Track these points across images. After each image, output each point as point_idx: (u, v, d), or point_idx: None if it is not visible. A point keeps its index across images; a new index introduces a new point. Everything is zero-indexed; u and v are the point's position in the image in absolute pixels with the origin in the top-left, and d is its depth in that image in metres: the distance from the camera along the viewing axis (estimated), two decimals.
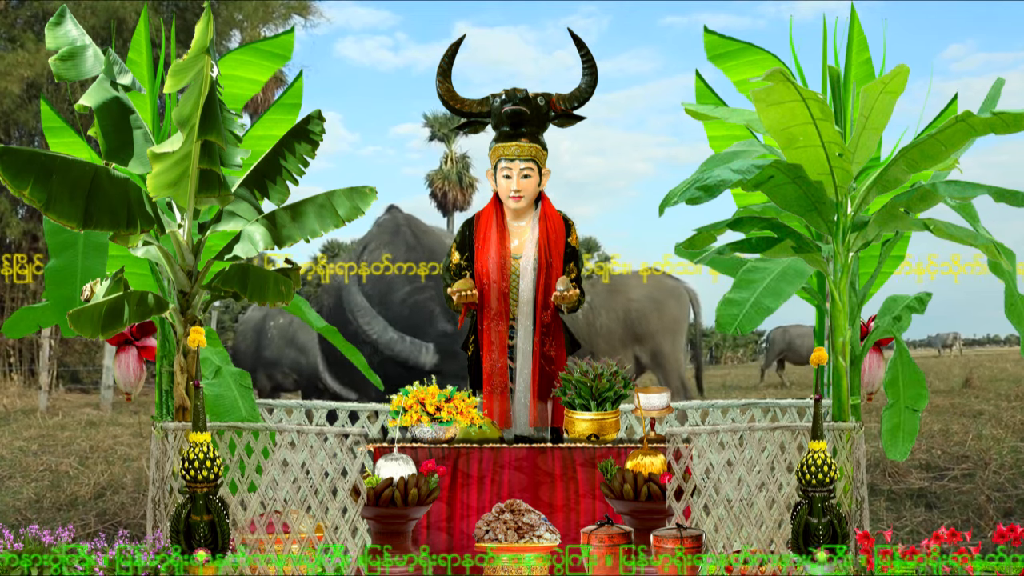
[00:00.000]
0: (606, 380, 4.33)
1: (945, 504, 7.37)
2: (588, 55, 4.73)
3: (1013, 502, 7.26)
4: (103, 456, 10.05)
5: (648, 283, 12.26)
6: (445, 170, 31.80)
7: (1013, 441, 9.69)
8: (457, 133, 32.21)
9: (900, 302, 4.89)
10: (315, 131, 4.57)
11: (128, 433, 12.10)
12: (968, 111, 3.90)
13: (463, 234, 4.73)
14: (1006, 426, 10.78)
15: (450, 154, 32.14)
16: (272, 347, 13.38)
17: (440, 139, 32.49)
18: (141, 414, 14.76)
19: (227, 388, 4.73)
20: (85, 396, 18.32)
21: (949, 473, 8.24)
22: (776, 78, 3.77)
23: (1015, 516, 6.92)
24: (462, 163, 32.26)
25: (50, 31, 4.37)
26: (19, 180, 3.87)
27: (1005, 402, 13.92)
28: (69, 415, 14.35)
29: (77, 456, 9.98)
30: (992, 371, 21.88)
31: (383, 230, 9.91)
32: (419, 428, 4.27)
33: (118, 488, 8.29)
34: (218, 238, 4.78)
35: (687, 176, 4.26)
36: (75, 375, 20.45)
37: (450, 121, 31.99)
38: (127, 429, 12.59)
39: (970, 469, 8.34)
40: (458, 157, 32.30)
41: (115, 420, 13.88)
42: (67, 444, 10.96)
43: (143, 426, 12.83)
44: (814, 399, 3.86)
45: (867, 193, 4.35)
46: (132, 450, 10.47)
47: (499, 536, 3.98)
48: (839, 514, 3.76)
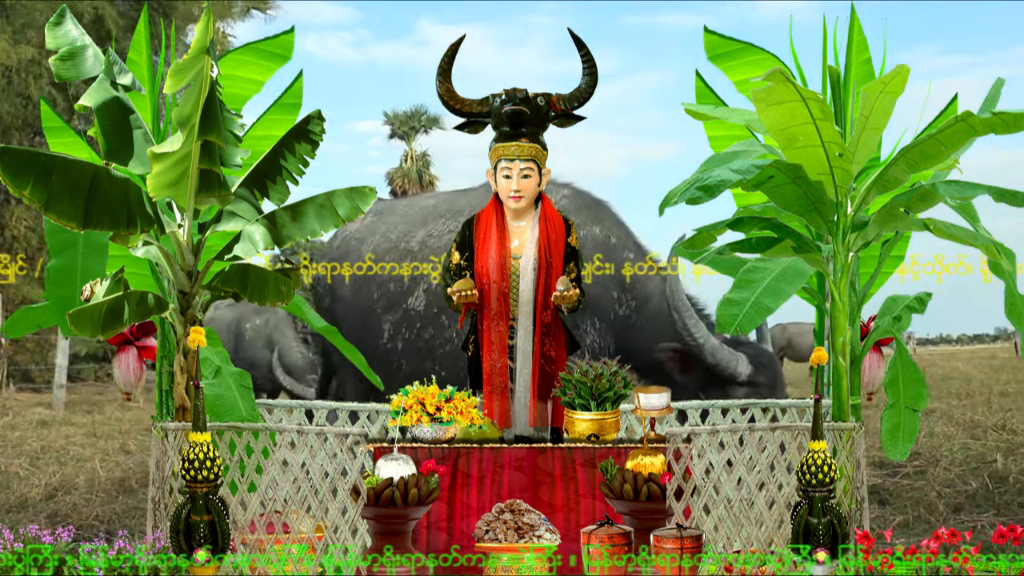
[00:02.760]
0: (606, 380, 4.33)
1: (897, 500, 7.46)
2: (588, 55, 4.73)
3: (963, 498, 7.36)
4: (55, 456, 9.94)
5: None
6: (405, 168, 31.67)
7: (963, 438, 9.80)
8: (417, 131, 32.05)
9: (900, 302, 4.89)
10: (315, 131, 4.57)
11: (81, 433, 11.96)
12: (968, 111, 3.90)
13: (463, 234, 4.73)
14: (957, 423, 10.90)
15: (410, 152, 32.01)
16: (250, 349, 13.35)
17: (400, 137, 32.34)
18: (95, 413, 14.64)
19: (227, 388, 4.73)
20: (37, 396, 18.16)
21: (902, 470, 8.36)
22: (776, 78, 3.77)
23: (964, 511, 7.04)
24: (422, 161, 32.11)
25: (50, 31, 4.37)
26: (19, 180, 3.87)
27: (956, 400, 14.12)
28: (20, 415, 14.20)
29: (28, 457, 9.85)
30: (944, 370, 22.33)
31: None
32: (419, 428, 4.27)
33: (70, 489, 8.20)
34: (218, 238, 4.78)
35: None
36: (26, 374, 20.26)
37: (410, 119, 31.82)
38: (80, 429, 12.44)
39: (922, 466, 8.44)
40: (418, 155, 32.13)
41: (68, 420, 13.73)
42: (17, 444, 10.84)
43: (97, 425, 12.70)
44: (814, 399, 3.86)
45: (867, 193, 4.35)
46: (85, 450, 10.35)
47: (499, 536, 3.98)
48: (839, 514, 3.75)
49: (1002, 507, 7.10)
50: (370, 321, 8.85)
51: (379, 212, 9.43)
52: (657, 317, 8.10)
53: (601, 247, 8.38)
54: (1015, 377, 18.17)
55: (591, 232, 8.45)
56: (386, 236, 9.08)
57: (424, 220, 9.00)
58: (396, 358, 8.70)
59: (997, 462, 8.35)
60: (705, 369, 7.83)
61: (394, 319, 8.71)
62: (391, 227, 9.14)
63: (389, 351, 8.70)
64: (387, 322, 8.75)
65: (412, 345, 8.61)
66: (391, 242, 9.00)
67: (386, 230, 9.14)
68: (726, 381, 7.78)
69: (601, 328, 8.32)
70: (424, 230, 8.88)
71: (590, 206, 8.70)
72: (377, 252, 8.99)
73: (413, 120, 32.31)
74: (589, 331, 8.25)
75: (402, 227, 9.08)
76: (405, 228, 9.05)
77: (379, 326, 8.81)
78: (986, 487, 7.56)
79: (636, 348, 8.19)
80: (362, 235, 9.27)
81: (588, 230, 8.45)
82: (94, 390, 20.02)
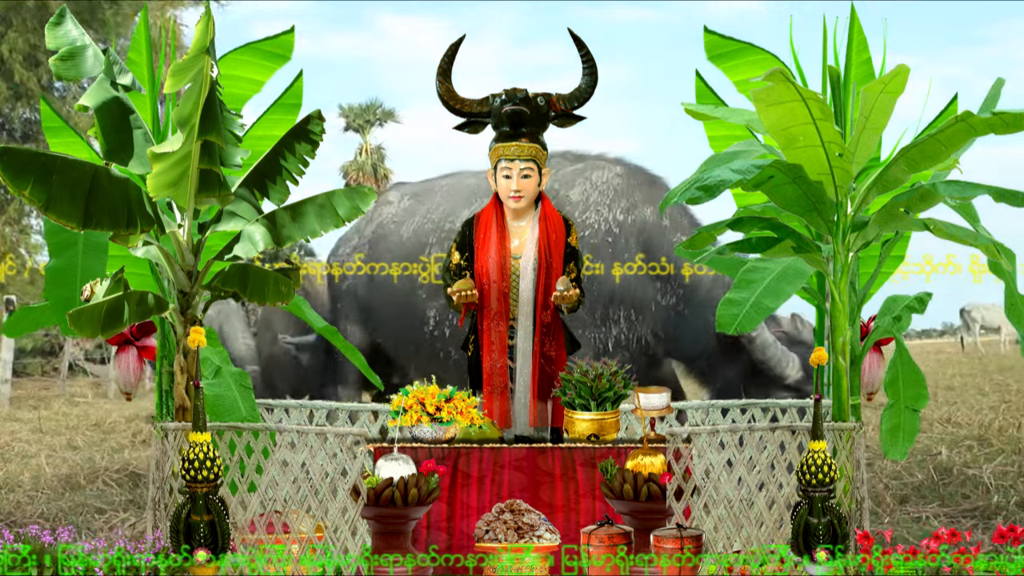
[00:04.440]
0: (606, 380, 4.33)
1: None
2: (588, 55, 4.73)
3: (909, 489, 7.53)
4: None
5: None
6: (360, 161, 31.43)
7: None
8: (372, 124, 31.84)
9: (900, 302, 4.89)
10: (315, 131, 4.57)
11: (27, 429, 11.84)
12: (968, 111, 3.90)
13: (463, 234, 4.73)
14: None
15: (365, 145, 31.78)
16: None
17: (355, 130, 32.08)
18: (41, 409, 14.44)
19: (227, 388, 4.73)
20: None
21: None
22: (776, 78, 3.77)
23: (910, 503, 7.19)
24: (377, 154, 31.86)
25: (50, 31, 4.37)
26: (19, 180, 3.87)
27: None
28: None
29: None
30: None
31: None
32: (419, 428, 4.27)
33: (14, 486, 8.10)
34: (218, 238, 4.78)
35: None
36: None
37: (365, 112, 31.60)
38: (26, 425, 12.32)
39: (870, 459, 8.52)
40: (373, 148, 31.89)
41: (12, 416, 13.56)
42: None
43: (43, 421, 12.56)
44: (814, 399, 3.86)
45: (867, 193, 4.35)
46: (31, 447, 10.22)
47: (499, 536, 3.99)
48: (839, 514, 3.76)
49: (946, 498, 7.27)
50: (414, 308, 8.48)
51: (415, 194, 9.11)
52: (707, 307, 7.65)
53: (653, 231, 7.99)
54: (960, 371, 18.30)
55: (642, 215, 8.05)
56: (428, 217, 8.73)
57: (468, 199, 8.63)
58: (443, 346, 8.36)
59: (942, 454, 8.53)
60: (752, 363, 7.61)
61: (440, 305, 8.34)
62: (433, 208, 8.79)
63: (435, 338, 8.36)
64: (432, 308, 8.42)
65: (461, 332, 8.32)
66: (434, 223, 8.66)
67: (427, 211, 8.79)
68: (771, 381, 7.59)
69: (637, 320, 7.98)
70: (469, 210, 8.37)
71: (644, 184, 8.27)
72: (419, 234, 8.67)
73: (368, 113, 31.98)
74: (620, 322, 7.92)
75: (445, 207, 8.73)
76: (449, 208, 8.69)
77: (424, 313, 8.46)
78: (931, 479, 7.73)
79: (681, 339, 7.90)
80: (400, 218, 8.91)
81: (639, 212, 8.05)
82: (40, 385, 19.59)
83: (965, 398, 13.01)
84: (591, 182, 8.31)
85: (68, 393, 17.60)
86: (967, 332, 27.87)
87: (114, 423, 12.61)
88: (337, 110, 31.47)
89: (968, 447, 8.91)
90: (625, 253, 7.97)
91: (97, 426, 12.43)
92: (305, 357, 10.06)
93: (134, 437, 11.27)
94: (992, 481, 7.49)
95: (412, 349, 8.71)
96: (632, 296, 7.91)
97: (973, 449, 8.83)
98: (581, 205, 8.17)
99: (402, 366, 9.06)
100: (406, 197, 9.09)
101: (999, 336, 27.93)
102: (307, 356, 10.09)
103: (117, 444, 10.77)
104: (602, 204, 8.17)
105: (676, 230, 7.97)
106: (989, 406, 11.84)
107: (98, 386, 18.91)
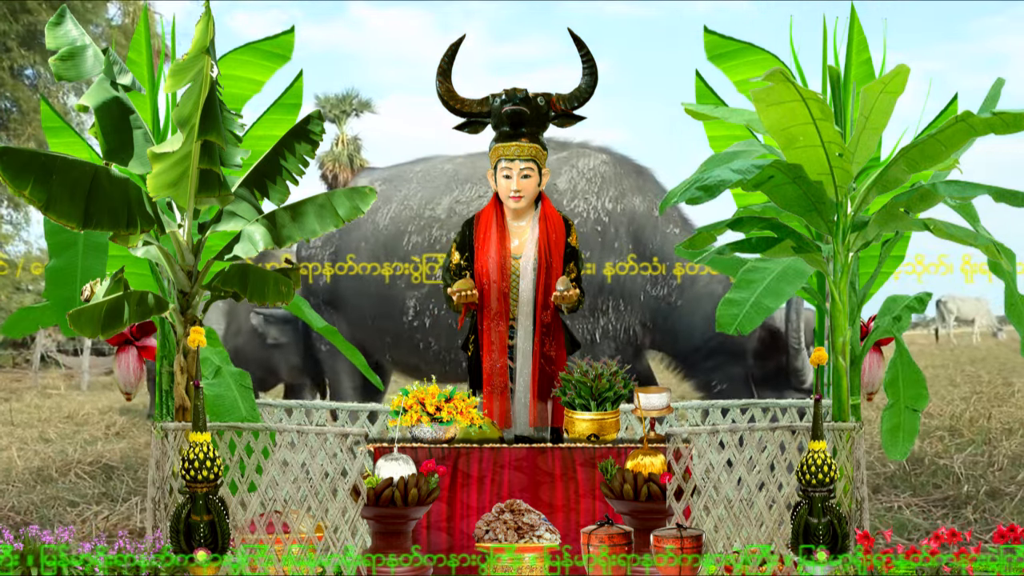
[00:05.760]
0: (606, 380, 4.33)
1: None
2: (588, 55, 4.73)
3: (881, 479, 7.61)
4: None
5: None
6: (336, 152, 31.32)
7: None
8: (348, 115, 31.76)
9: (900, 302, 4.89)
10: (315, 131, 4.58)
11: None
12: (968, 111, 3.90)
13: (463, 234, 4.73)
14: (876, 408, 11.04)
15: (341, 136, 31.69)
16: None
17: (331, 120, 31.97)
18: (12, 401, 14.22)
19: (227, 388, 4.73)
20: None
21: None
22: (776, 78, 3.77)
23: (882, 492, 7.25)
24: (353, 145, 31.74)
25: (50, 31, 4.37)
26: (19, 180, 3.87)
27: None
28: None
29: None
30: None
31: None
32: (419, 428, 4.27)
33: None
34: (218, 238, 4.78)
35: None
36: None
37: (342, 102, 31.48)
38: None
39: None
40: (349, 139, 31.76)
41: None
42: None
43: (14, 414, 12.42)
44: (814, 399, 3.86)
45: (867, 193, 4.35)
46: (1, 440, 10.05)
47: (499, 536, 3.98)
48: (839, 514, 3.75)
49: (917, 488, 7.33)
50: (392, 299, 8.26)
51: (387, 180, 8.80)
52: (704, 299, 7.54)
53: (643, 221, 7.87)
54: (931, 363, 18.31)
55: (631, 204, 7.90)
56: (406, 204, 8.48)
57: (448, 186, 8.42)
58: (423, 337, 8.16)
59: (913, 445, 8.52)
60: (781, 367, 7.53)
61: (420, 295, 8.16)
62: (410, 194, 8.54)
63: (415, 329, 8.16)
64: (412, 299, 8.21)
65: (442, 322, 8.01)
66: (413, 210, 8.41)
67: (404, 198, 8.53)
68: (796, 386, 7.53)
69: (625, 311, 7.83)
70: (450, 196, 8.29)
71: (630, 174, 8.11)
72: (397, 221, 8.41)
73: (344, 104, 31.91)
74: (608, 312, 7.76)
75: (423, 193, 8.48)
76: (427, 194, 8.46)
77: (403, 303, 8.23)
78: (903, 469, 7.77)
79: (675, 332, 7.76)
80: (375, 205, 8.38)
81: (628, 202, 7.91)
82: (12, 377, 19.30)
83: (936, 389, 12.98)
84: (577, 169, 8.15)
85: (40, 385, 17.38)
86: (942, 323, 28.04)
87: (87, 415, 12.47)
88: (313, 100, 31.35)
89: (939, 437, 8.97)
90: (616, 243, 7.86)
91: (70, 418, 12.29)
92: (273, 331, 9.91)
93: (107, 429, 11.14)
94: (963, 471, 7.54)
95: (389, 340, 8.49)
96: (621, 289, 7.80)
97: (944, 439, 8.89)
98: (569, 193, 7.99)
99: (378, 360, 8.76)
100: (377, 183, 8.71)
101: (972, 328, 28.14)
102: (275, 330, 9.93)
103: (90, 436, 10.61)
104: (590, 192, 8.01)
105: (668, 222, 7.86)
106: (960, 397, 11.90)
107: (71, 378, 18.68)
